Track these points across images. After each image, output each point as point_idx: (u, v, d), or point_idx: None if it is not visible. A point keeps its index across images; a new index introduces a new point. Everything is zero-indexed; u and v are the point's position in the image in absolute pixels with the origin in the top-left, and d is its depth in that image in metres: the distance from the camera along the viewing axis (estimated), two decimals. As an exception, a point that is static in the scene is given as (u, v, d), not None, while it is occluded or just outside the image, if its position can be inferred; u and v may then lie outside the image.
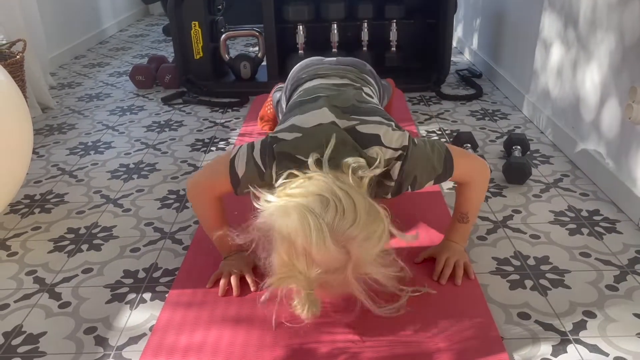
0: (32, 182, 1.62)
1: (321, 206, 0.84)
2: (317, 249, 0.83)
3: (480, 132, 1.90)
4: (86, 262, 1.23)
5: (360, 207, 0.85)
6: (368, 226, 0.85)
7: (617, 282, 1.11)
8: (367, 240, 0.85)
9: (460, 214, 1.15)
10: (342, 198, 0.85)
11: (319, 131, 0.98)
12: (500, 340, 0.96)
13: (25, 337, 1.01)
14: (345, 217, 0.84)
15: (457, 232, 1.16)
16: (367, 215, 0.85)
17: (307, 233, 0.82)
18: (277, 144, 0.98)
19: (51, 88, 2.54)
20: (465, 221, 1.14)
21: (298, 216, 0.83)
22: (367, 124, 1.01)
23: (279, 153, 0.97)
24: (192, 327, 1.01)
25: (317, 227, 0.82)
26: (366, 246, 0.85)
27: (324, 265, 0.85)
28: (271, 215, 0.87)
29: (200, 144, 1.88)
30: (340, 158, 0.93)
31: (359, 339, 0.96)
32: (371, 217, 0.86)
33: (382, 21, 2.36)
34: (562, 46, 1.75)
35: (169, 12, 2.32)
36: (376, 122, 1.02)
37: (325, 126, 0.99)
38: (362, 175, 0.91)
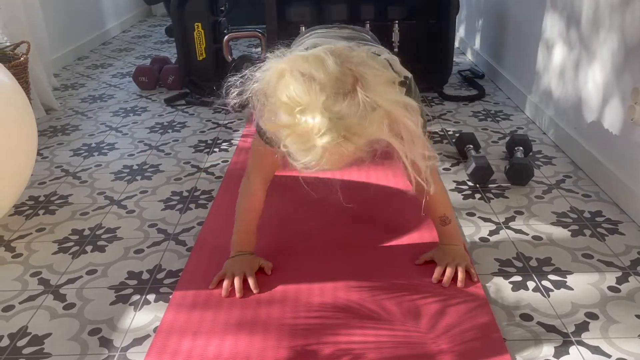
0: (36, 184, 1.63)
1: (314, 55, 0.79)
2: (315, 68, 0.75)
3: (482, 133, 1.90)
4: (90, 263, 1.24)
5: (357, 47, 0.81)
6: (372, 59, 0.80)
7: (619, 283, 1.11)
8: (372, 67, 0.79)
9: (439, 219, 1.15)
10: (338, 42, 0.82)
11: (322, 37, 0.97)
12: (503, 342, 0.96)
13: (30, 338, 1.02)
14: (341, 46, 0.80)
15: (447, 235, 1.17)
16: (367, 53, 0.81)
17: (301, 62, 0.77)
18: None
19: (55, 89, 2.55)
20: (448, 222, 1.15)
21: (291, 56, 0.80)
22: (372, 46, 0.99)
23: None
24: (195, 328, 1.01)
25: (313, 54, 0.78)
26: (372, 70, 0.78)
27: (328, 86, 0.75)
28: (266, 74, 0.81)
29: (203, 145, 1.88)
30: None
31: (362, 340, 0.97)
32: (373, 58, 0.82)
33: (385, 22, 2.35)
34: (564, 47, 1.75)
35: (172, 13, 2.33)
36: (381, 47, 1.01)
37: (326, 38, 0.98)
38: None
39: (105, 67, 2.97)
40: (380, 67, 0.81)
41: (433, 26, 2.41)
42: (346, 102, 0.75)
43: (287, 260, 1.20)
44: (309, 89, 0.75)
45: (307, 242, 1.27)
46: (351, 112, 0.75)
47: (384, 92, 0.78)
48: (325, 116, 0.75)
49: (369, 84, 0.76)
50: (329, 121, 0.75)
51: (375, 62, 0.82)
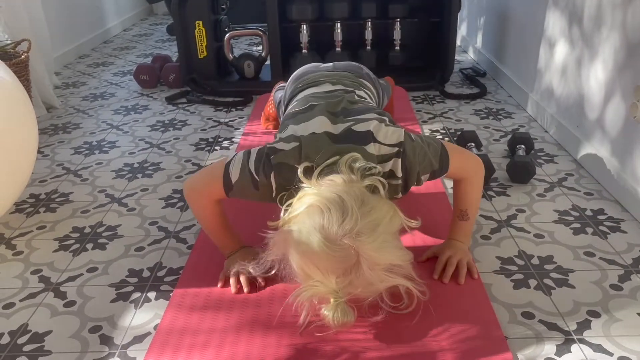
0: (37, 182, 1.63)
1: (310, 217, 0.86)
2: (319, 257, 0.84)
3: (484, 131, 1.90)
4: (91, 261, 1.24)
5: (350, 200, 0.85)
6: (365, 216, 0.85)
7: (621, 281, 1.11)
8: (369, 230, 0.84)
9: (459, 211, 1.15)
10: (329, 199, 0.86)
11: (315, 140, 1.01)
12: (504, 340, 0.96)
13: (31, 335, 1.02)
14: (333, 215, 0.84)
15: (459, 230, 1.16)
16: (362, 205, 0.85)
17: (305, 249, 0.85)
18: (275, 155, 1.00)
19: (56, 87, 2.55)
20: (466, 219, 1.15)
21: (294, 240, 0.87)
22: (361, 122, 1.03)
23: (277, 164, 0.99)
24: (196, 326, 1.01)
25: (310, 238, 0.84)
26: (368, 236, 0.84)
27: (336, 269, 0.85)
28: (277, 248, 0.91)
29: (204, 143, 1.88)
30: (335, 166, 0.94)
31: (362, 338, 0.96)
32: (367, 207, 0.86)
33: (386, 20, 2.35)
34: (566, 45, 1.74)
35: (173, 12, 2.33)
36: (368, 118, 1.04)
37: (318, 136, 1.02)
38: (359, 167, 0.92)
39: (106, 66, 2.97)
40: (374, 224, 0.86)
41: (434, 24, 2.40)
42: (353, 274, 0.85)
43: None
44: (320, 272, 0.86)
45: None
46: (359, 280, 0.86)
47: (384, 258, 0.87)
48: (337, 296, 0.87)
49: (370, 255, 0.85)
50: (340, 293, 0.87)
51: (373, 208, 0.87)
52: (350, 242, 0.84)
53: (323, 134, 1.02)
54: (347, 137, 1.01)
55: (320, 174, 0.93)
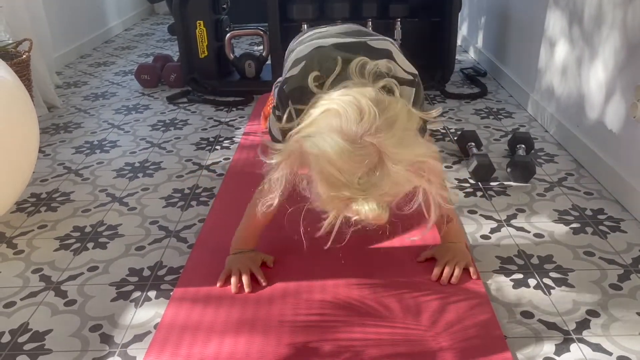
0: (38, 181, 1.64)
1: (326, 120, 0.82)
2: (340, 159, 0.79)
3: (484, 131, 1.90)
4: (92, 260, 1.24)
5: (364, 100, 0.81)
6: (382, 113, 0.81)
7: (621, 281, 1.11)
8: (387, 126, 0.80)
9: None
10: (343, 101, 0.82)
11: (322, 52, 0.96)
12: (504, 339, 0.96)
13: (32, 334, 1.02)
14: (350, 115, 0.80)
15: (449, 233, 1.16)
16: (378, 104, 0.82)
17: (324, 153, 0.80)
18: (287, 83, 0.97)
19: (57, 87, 2.55)
20: (449, 220, 1.13)
21: (312, 145, 0.82)
22: (378, 40, 0.99)
23: (290, 91, 0.96)
24: (196, 325, 1.01)
25: (329, 140, 0.79)
26: (387, 132, 0.80)
27: (359, 169, 0.80)
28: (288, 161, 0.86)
29: (205, 142, 1.89)
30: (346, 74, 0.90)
31: (362, 337, 0.97)
32: (383, 105, 0.82)
33: (387, 20, 2.35)
34: (567, 44, 1.75)
35: (174, 11, 2.33)
36: (385, 39, 1.00)
37: (325, 47, 0.97)
38: (370, 70, 0.88)
39: (107, 65, 2.97)
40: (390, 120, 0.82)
41: (435, 24, 2.40)
42: (377, 173, 0.80)
43: (287, 257, 1.20)
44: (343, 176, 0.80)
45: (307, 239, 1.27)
46: (383, 181, 0.80)
47: (407, 153, 0.82)
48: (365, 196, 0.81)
49: (392, 151, 0.80)
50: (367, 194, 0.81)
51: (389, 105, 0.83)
52: (370, 140, 0.79)
53: (330, 45, 0.97)
54: (359, 48, 0.95)
55: (332, 84, 0.89)
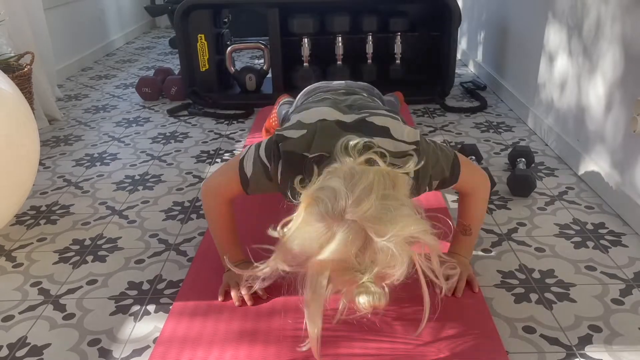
0: (38, 194, 1.63)
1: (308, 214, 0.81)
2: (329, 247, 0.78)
3: (484, 145, 1.90)
4: (91, 273, 1.24)
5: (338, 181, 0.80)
6: (355, 187, 0.79)
7: (623, 295, 1.11)
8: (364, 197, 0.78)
9: (463, 226, 1.15)
10: (318, 190, 0.81)
11: (325, 128, 0.96)
12: (506, 355, 0.95)
13: (30, 348, 1.01)
14: (325, 201, 0.79)
15: (461, 244, 1.16)
16: (351, 177, 0.81)
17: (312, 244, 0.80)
18: (283, 142, 0.97)
19: (58, 100, 2.56)
20: (469, 234, 1.14)
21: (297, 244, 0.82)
22: (376, 115, 1.00)
23: (284, 152, 0.97)
24: (195, 339, 1.00)
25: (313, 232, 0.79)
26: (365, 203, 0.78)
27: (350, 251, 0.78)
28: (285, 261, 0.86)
29: (206, 155, 1.89)
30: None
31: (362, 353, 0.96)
32: (356, 178, 0.81)
33: (387, 34, 2.37)
34: (566, 58, 1.75)
35: (176, 25, 2.35)
36: (385, 115, 1.01)
37: (329, 123, 0.97)
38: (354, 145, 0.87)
39: (108, 78, 2.99)
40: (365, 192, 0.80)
41: (435, 38, 2.42)
42: (368, 250, 0.78)
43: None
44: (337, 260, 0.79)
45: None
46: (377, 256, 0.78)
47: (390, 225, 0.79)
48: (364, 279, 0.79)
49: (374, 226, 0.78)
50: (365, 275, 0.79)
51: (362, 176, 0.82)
52: (350, 217, 0.78)
53: (334, 121, 0.98)
54: (360, 127, 0.96)
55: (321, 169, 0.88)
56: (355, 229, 0.78)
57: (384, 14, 2.35)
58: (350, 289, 0.81)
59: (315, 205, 0.81)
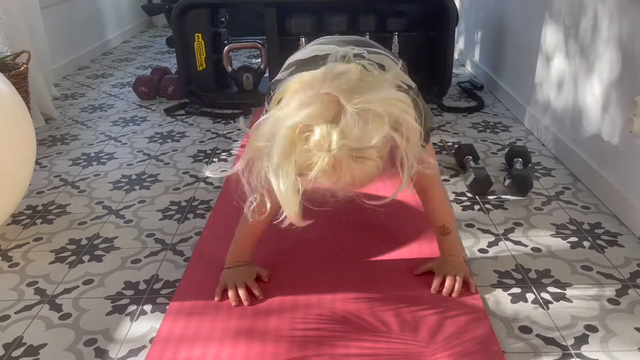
0: (35, 193, 1.63)
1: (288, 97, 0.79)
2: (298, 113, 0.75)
3: (481, 144, 1.90)
4: (87, 273, 1.23)
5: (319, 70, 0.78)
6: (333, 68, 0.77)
7: (619, 295, 1.11)
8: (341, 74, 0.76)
9: (439, 228, 1.14)
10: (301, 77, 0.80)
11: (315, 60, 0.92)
12: (502, 354, 0.95)
13: (26, 348, 1.01)
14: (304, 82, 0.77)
15: (447, 245, 1.16)
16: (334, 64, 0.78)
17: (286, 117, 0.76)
18: (273, 83, 0.96)
19: (54, 99, 2.55)
20: (448, 232, 1.14)
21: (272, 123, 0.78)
22: (375, 54, 0.95)
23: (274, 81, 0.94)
24: (192, 339, 1.00)
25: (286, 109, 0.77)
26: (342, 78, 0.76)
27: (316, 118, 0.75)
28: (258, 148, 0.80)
29: (203, 155, 1.88)
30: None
31: (358, 352, 0.96)
32: (339, 64, 0.78)
33: (384, 33, 2.37)
34: (563, 59, 1.76)
35: (173, 24, 2.34)
36: (385, 55, 0.97)
37: (319, 56, 0.93)
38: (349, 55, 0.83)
39: (105, 77, 2.98)
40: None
41: (432, 38, 2.42)
42: (342, 121, 0.74)
43: (284, 270, 1.20)
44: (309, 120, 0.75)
45: (305, 253, 1.27)
46: (350, 130, 0.74)
47: (366, 95, 0.76)
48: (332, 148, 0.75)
49: (349, 95, 0.75)
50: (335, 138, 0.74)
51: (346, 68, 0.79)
52: (326, 90, 0.75)
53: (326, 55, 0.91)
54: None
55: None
56: (328, 99, 0.75)
57: (382, 14, 2.34)
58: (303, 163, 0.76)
59: (291, 86, 0.79)
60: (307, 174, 0.77)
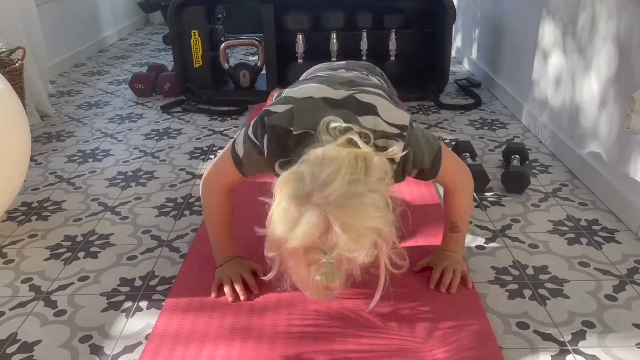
0: (30, 190, 1.62)
1: (282, 196, 0.82)
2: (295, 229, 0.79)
3: (479, 142, 1.90)
4: (82, 269, 1.23)
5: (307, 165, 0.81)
6: (322, 172, 0.79)
7: (616, 292, 1.11)
8: (327, 184, 0.78)
9: (450, 223, 1.14)
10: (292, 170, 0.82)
11: (310, 104, 0.95)
12: (499, 350, 0.95)
13: (20, 345, 1.00)
14: (294, 181, 0.80)
15: (451, 241, 1.16)
16: (322, 161, 0.80)
17: (283, 228, 0.80)
18: (268, 117, 0.96)
19: (50, 96, 2.54)
20: (457, 230, 1.14)
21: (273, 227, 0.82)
22: (366, 93, 0.97)
23: (269, 126, 0.95)
24: (188, 336, 1.00)
25: (282, 214, 0.80)
26: (328, 189, 0.78)
27: (313, 234, 0.79)
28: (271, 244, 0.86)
29: (199, 152, 1.88)
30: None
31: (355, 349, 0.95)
32: (326, 161, 0.80)
33: (381, 30, 2.36)
34: (560, 56, 1.75)
35: (169, 20, 2.33)
36: (376, 93, 0.98)
37: (315, 100, 0.95)
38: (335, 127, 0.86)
39: (101, 74, 2.97)
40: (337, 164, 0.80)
41: (430, 35, 2.42)
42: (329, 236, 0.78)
43: (281, 267, 1.19)
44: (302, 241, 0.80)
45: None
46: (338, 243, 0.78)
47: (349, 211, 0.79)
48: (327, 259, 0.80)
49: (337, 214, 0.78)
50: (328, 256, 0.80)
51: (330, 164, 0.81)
52: (315, 201, 0.78)
53: (320, 99, 0.95)
54: (347, 104, 0.94)
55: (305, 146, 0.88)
56: (318, 213, 0.78)
57: (379, 11, 2.34)
58: (311, 268, 0.81)
59: (284, 189, 0.81)
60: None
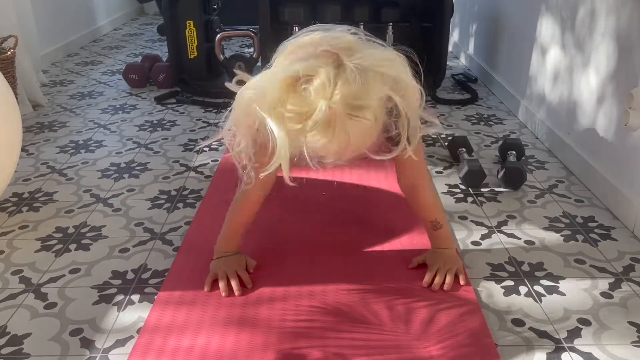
0: (21, 180, 1.60)
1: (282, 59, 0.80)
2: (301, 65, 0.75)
3: (475, 137, 1.89)
4: (74, 262, 1.21)
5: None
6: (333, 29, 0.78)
7: (612, 289, 1.10)
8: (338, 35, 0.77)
9: (429, 223, 1.13)
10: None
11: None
12: (494, 347, 0.94)
13: (9, 338, 0.99)
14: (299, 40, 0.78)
15: (439, 239, 1.15)
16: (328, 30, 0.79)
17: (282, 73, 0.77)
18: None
19: (43, 85, 2.51)
20: (439, 227, 1.13)
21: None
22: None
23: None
24: (180, 329, 0.99)
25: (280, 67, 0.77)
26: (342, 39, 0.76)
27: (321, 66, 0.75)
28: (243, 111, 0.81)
29: (193, 144, 1.86)
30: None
31: (350, 345, 0.95)
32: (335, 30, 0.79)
33: (378, 24, 2.35)
34: (558, 51, 1.75)
35: (164, 11, 2.31)
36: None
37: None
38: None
39: (95, 65, 2.94)
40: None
41: (427, 29, 2.40)
42: (342, 76, 0.74)
43: (275, 261, 1.18)
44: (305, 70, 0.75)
45: (296, 244, 1.25)
46: (348, 81, 0.74)
47: (366, 54, 0.76)
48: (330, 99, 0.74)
49: (349, 52, 0.75)
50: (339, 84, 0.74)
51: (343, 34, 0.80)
52: (325, 47, 0.76)
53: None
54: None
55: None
56: (328, 55, 0.75)
57: (376, 4, 2.32)
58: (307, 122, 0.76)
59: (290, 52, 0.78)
60: (301, 125, 0.75)
